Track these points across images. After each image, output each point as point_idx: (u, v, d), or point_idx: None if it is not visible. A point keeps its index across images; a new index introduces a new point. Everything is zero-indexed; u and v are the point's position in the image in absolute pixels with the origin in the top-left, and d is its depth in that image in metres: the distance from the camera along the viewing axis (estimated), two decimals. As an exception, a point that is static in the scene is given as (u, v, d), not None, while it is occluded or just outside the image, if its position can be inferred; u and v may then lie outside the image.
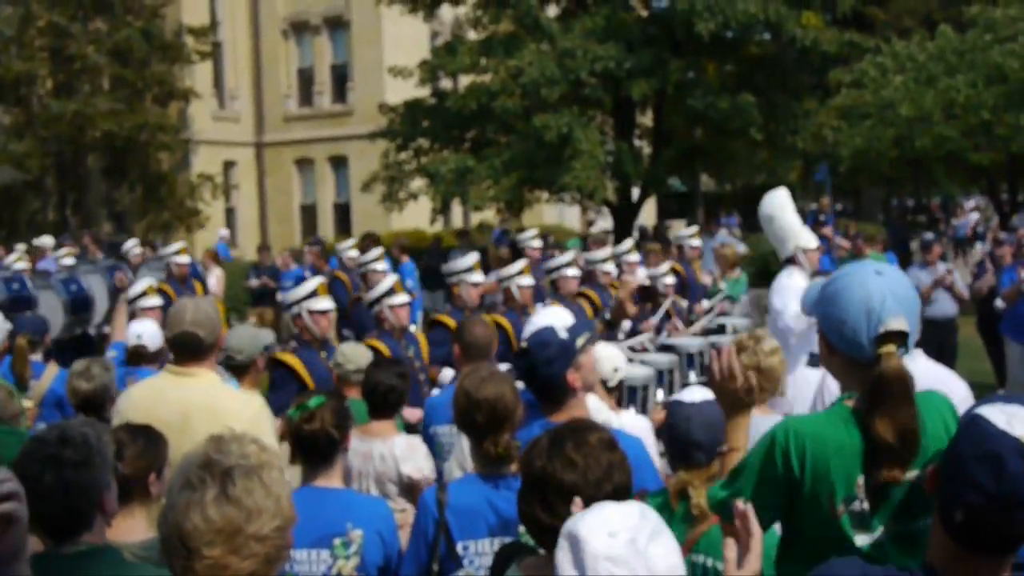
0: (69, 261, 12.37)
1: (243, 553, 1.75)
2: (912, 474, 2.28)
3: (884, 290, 2.32)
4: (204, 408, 3.56)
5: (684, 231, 12.27)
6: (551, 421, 3.13)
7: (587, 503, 1.90)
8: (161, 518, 1.80)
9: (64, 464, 2.34)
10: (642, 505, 1.77)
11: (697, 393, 3.01)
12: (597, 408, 3.63)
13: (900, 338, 2.29)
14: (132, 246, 13.50)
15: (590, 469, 2.06)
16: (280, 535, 1.80)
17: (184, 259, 11.39)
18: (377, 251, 10.39)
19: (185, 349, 3.67)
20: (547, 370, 3.21)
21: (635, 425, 4.17)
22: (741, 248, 16.09)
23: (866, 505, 2.27)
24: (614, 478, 2.07)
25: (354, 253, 12.09)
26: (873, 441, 2.25)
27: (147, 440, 2.92)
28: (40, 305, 9.01)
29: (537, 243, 11.68)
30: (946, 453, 1.85)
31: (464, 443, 3.73)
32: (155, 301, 7.38)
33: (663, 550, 1.69)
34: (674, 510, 2.89)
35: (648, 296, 8.17)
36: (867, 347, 2.31)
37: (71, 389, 4.51)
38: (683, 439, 2.92)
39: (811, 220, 16.14)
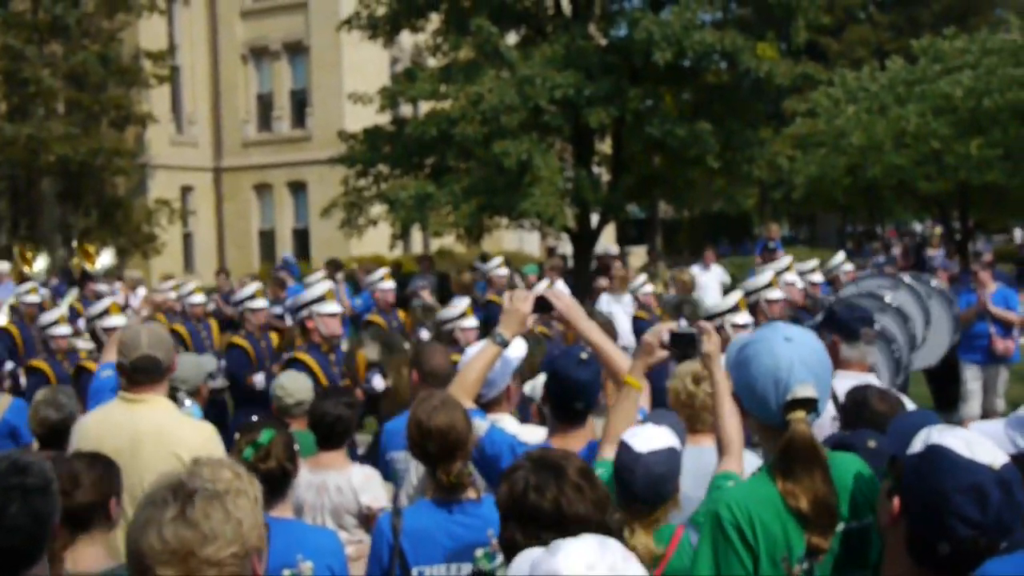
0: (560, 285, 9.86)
1: None
2: (839, 527, 2.25)
3: (792, 357, 2.32)
4: (154, 434, 3.55)
5: (490, 263, 11.91)
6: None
7: (536, 534, 1.92)
8: (126, 536, 1.80)
9: (29, 492, 2.29)
10: (598, 537, 1.76)
11: (650, 439, 2.89)
12: (514, 427, 3.62)
13: (808, 404, 2.28)
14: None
15: (542, 498, 2.08)
16: (238, 562, 1.77)
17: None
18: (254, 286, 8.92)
19: (144, 373, 3.67)
20: (587, 391, 3.28)
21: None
22: (724, 277, 16.13)
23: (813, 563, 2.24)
24: (562, 511, 2.06)
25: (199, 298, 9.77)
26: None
27: (104, 466, 2.92)
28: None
29: (503, 271, 11.58)
30: (913, 487, 1.85)
31: (413, 475, 3.72)
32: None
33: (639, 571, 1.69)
34: None
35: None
36: (776, 413, 2.31)
37: (38, 419, 4.43)
38: (626, 487, 2.84)
39: (760, 247, 16.26)
